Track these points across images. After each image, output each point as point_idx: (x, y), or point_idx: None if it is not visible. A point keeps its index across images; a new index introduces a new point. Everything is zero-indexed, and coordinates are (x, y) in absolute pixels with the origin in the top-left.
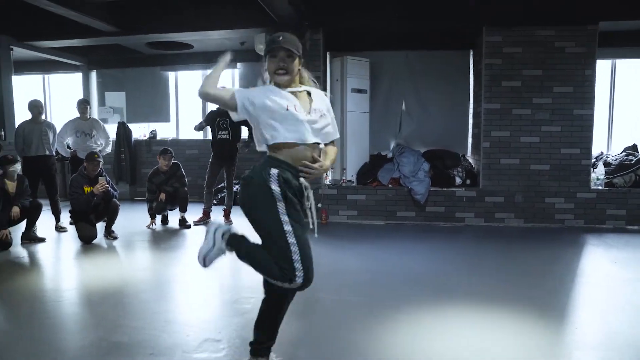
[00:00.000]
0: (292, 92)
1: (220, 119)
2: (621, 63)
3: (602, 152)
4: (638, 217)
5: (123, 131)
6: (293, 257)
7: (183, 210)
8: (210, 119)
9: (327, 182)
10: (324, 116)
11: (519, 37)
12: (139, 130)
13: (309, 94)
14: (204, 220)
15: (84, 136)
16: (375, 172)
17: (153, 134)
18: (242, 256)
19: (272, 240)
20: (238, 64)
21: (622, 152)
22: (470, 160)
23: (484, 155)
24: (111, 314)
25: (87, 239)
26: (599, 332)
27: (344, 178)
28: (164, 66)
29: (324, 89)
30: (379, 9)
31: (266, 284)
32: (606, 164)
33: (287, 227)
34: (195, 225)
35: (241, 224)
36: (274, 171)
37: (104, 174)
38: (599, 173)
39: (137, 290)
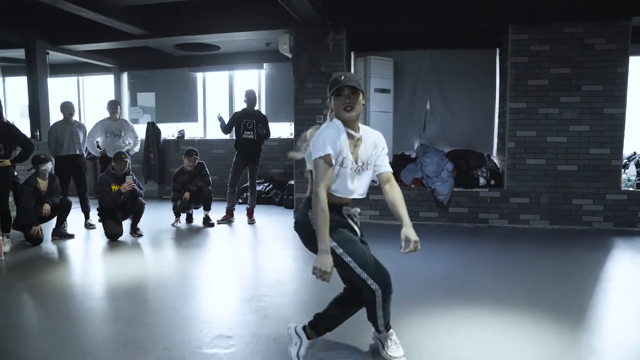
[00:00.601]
0: (350, 136)
1: (247, 120)
2: None
3: (635, 152)
4: None
5: (152, 131)
6: (361, 276)
7: (207, 209)
8: (236, 120)
9: None
10: (364, 169)
11: (545, 35)
12: (168, 130)
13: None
14: (227, 218)
15: (112, 136)
16: (398, 172)
17: (181, 134)
18: (335, 321)
19: (340, 269)
20: (264, 64)
21: None
22: (495, 160)
23: (508, 156)
24: (130, 309)
25: (113, 237)
26: (617, 340)
27: None
28: (192, 67)
29: None
30: (402, 9)
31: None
32: (638, 165)
33: (339, 250)
34: (218, 223)
35: (263, 223)
36: (310, 213)
37: (131, 173)
38: (630, 174)
39: (158, 286)
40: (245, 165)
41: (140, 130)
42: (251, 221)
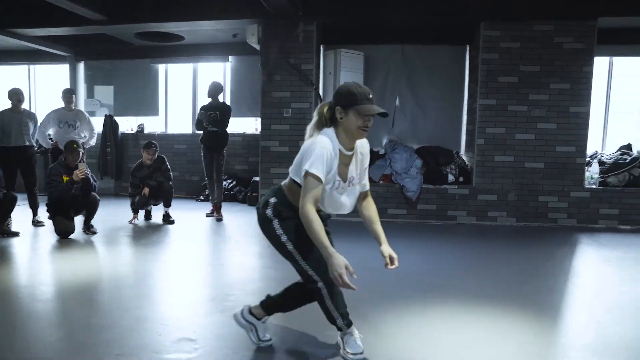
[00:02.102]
0: (344, 154)
1: (211, 113)
2: (618, 61)
3: (596, 151)
4: (631, 217)
5: (110, 124)
6: (307, 271)
7: (167, 205)
8: (202, 113)
9: None
10: (353, 184)
11: (516, 32)
12: (127, 124)
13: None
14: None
15: (67, 127)
16: None
17: (141, 128)
18: (286, 308)
19: (288, 260)
20: (230, 57)
21: (617, 151)
22: (464, 157)
23: (477, 152)
24: (80, 311)
25: (63, 234)
26: (591, 332)
27: None
28: (154, 58)
29: (317, 82)
30: (374, 1)
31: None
32: (600, 163)
33: (290, 247)
34: (207, 216)
35: (227, 221)
36: (272, 200)
37: (84, 160)
38: (593, 172)
39: (112, 286)
40: (212, 156)
41: (97, 123)
42: (219, 216)
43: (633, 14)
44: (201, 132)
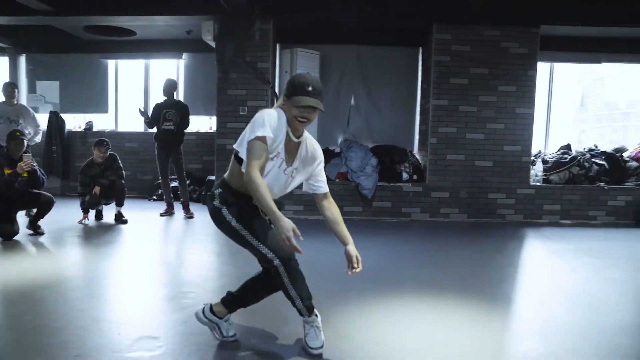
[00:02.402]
0: (290, 139)
1: (167, 111)
2: (558, 67)
3: (540, 150)
4: (570, 212)
5: (55, 121)
6: (261, 250)
7: (120, 204)
8: (156, 111)
9: None
10: (293, 176)
11: (467, 36)
12: (74, 121)
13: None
14: (170, 212)
15: (8, 123)
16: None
17: (89, 125)
18: (247, 302)
19: (243, 245)
20: (184, 54)
21: (558, 150)
22: (417, 156)
23: (430, 151)
24: (30, 314)
25: (5, 236)
26: (541, 318)
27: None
28: (103, 53)
29: (272, 81)
30: (330, 2)
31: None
32: (544, 162)
33: (242, 231)
34: (161, 216)
35: (181, 220)
36: (217, 191)
37: (29, 152)
38: (537, 170)
39: (64, 288)
40: (168, 155)
41: (42, 120)
42: (189, 215)
43: (571, 23)
44: (154, 130)
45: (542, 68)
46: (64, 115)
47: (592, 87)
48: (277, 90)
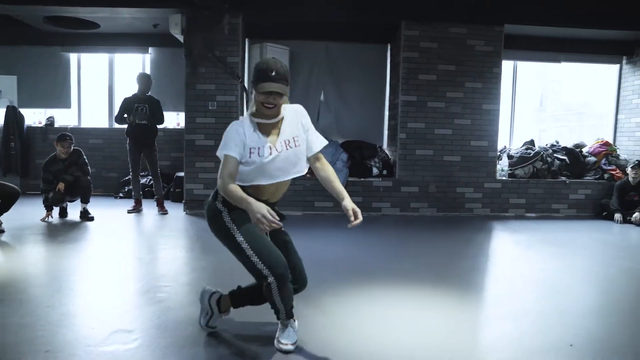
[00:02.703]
0: (265, 124)
1: (138, 105)
2: (521, 66)
3: (505, 146)
4: (535, 205)
5: (13, 117)
6: (256, 265)
7: (85, 201)
8: (127, 106)
9: None
10: (291, 147)
11: (435, 33)
12: (34, 117)
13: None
14: (137, 208)
15: None
16: None
17: (50, 121)
18: (252, 302)
19: (237, 255)
20: (150, 48)
21: (522, 146)
22: (387, 151)
23: (400, 146)
24: None
25: None
26: (511, 303)
27: None
28: (65, 46)
29: (242, 76)
30: None
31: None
32: (509, 157)
33: (240, 238)
34: (129, 213)
35: (151, 217)
36: (220, 195)
37: None
38: (503, 165)
39: (30, 285)
40: (140, 151)
41: None
42: (163, 211)
43: (532, 23)
44: (124, 126)
45: (506, 66)
46: (23, 111)
47: (550, 89)
48: (246, 85)
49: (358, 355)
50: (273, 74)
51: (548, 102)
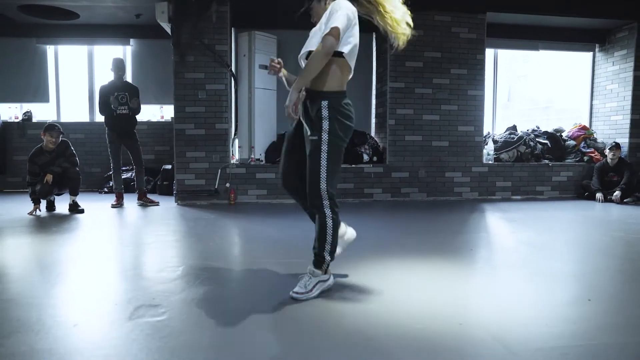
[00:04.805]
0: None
1: (118, 93)
2: (502, 52)
3: (489, 132)
4: (520, 188)
5: None
6: (321, 186)
7: (74, 193)
8: (105, 95)
9: (234, 160)
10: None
11: (420, 21)
12: (9, 112)
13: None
14: (120, 202)
15: None
16: None
17: (27, 116)
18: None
19: (311, 171)
20: (131, 40)
21: (506, 131)
22: (375, 138)
23: (390, 133)
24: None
25: None
26: (523, 270)
27: (252, 156)
28: (41, 38)
29: (230, 64)
30: None
31: None
32: (494, 141)
33: (324, 147)
34: (113, 207)
35: (145, 209)
36: (324, 103)
37: None
38: (489, 149)
39: (29, 271)
40: (121, 142)
41: None
42: (146, 201)
43: (512, 11)
44: (104, 116)
45: (488, 54)
46: None
47: (517, 84)
48: (235, 73)
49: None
50: None
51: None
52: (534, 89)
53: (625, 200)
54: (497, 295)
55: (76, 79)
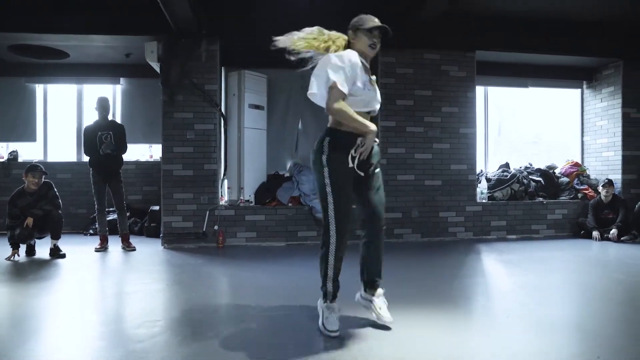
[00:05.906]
0: (365, 67)
1: (102, 133)
2: (492, 90)
3: (482, 170)
4: (515, 227)
5: None
6: (328, 219)
7: (56, 237)
8: (90, 135)
9: (223, 202)
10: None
11: (410, 59)
12: None
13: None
14: (104, 246)
15: None
16: (273, 191)
17: (13, 155)
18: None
19: (322, 204)
20: (121, 79)
21: (498, 169)
22: None
23: (382, 173)
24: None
25: None
26: (526, 319)
27: (241, 198)
28: (30, 77)
29: (219, 104)
30: (277, 26)
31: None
32: (487, 179)
33: (328, 189)
34: (96, 251)
35: (152, 250)
36: (327, 139)
37: None
38: (482, 187)
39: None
40: (105, 182)
41: None
42: (128, 246)
43: (501, 50)
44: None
45: (478, 92)
46: None
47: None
48: (224, 112)
49: None
50: (377, 20)
51: (505, 132)
52: (523, 124)
53: (622, 239)
54: (497, 355)
55: (65, 118)
